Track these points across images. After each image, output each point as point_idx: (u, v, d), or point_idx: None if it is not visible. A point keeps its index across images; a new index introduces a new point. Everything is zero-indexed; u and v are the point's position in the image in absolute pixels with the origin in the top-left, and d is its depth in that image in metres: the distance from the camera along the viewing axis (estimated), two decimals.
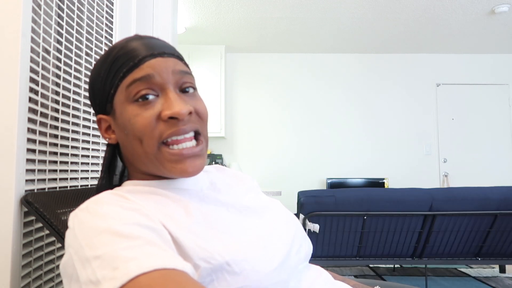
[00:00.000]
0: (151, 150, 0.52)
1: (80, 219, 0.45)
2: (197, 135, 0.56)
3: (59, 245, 0.85)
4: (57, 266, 0.85)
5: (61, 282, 0.86)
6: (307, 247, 0.62)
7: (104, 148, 1.11)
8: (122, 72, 0.54)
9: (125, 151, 0.58)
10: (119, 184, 0.64)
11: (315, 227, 2.14)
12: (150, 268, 0.37)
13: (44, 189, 0.79)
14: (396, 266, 3.08)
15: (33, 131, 0.75)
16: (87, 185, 1.00)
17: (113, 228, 0.42)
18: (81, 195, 0.84)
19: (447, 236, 2.24)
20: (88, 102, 1.01)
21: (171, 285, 0.35)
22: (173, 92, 0.53)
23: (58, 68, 0.87)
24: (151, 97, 0.53)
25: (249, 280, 0.47)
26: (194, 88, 0.57)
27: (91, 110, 1.04)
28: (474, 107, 4.48)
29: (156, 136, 0.52)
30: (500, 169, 4.42)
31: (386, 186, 4.17)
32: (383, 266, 3.10)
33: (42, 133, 0.79)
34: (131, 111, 0.53)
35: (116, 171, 0.64)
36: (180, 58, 0.58)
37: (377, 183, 4.18)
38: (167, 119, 0.52)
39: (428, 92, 4.51)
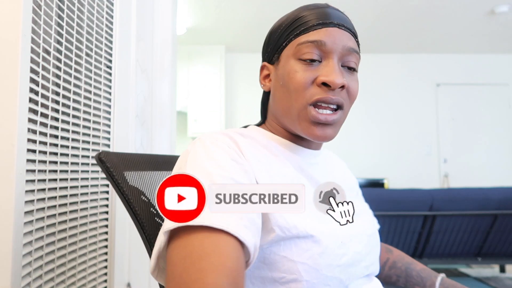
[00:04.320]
0: (298, 106, 0.56)
1: (196, 151, 0.52)
2: (338, 109, 0.58)
3: (59, 245, 0.86)
4: (57, 266, 0.85)
5: (61, 282, 0.86)
6: (376, 267, 0.63)
7: (105, 149, 1.11)
8: (299, 30, 0.57)
9: (273, 99, 0.62)
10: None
11: None
12: (210, 224, 0.41)
13: (44, 189, 0.79)
14: None
15: (33, 132, 0.75)
16: (88, 185, 1.00)
17: (212, 176, 0.47)
18: (150, 160, 0.80)
19: (447, 236, 2.24)
20: (87, 102, 1.02)
21: (208, 248, 0.39)
22: (335, 62, 0.56)
23: (58, 68, 0.87)
24: (315, 62, 0.56)
25: (312, 261, 0.50)
26: (355, 70, 0.59)
27: (91, 111, 1.04)
28: (474, 107, 4.48)
29: (306, 97, 0.56)
30: (500, 169, 4.42)
31: (386, 186, 4.17)
32: None
33: (42, 134, 0.79)
34: (293, 66, 0.57)
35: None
36: (355, 35, 0.60)
37: (377, 183, 4.18)
38: (320, 84, 0.55)
39: (428, 92, 4.51)
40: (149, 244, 0.62)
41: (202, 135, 0.56)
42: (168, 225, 0.43)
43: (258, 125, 0.69)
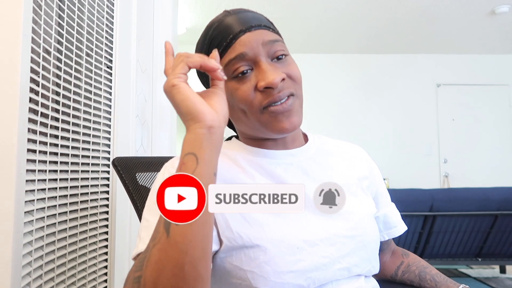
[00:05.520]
0: (254, 116, 0.58)
1: (159, 174, 0.59)
2: (289, 96, 0.59)
3: (59, 245, 0.86)
4: (58, 266, 0.85)
5: (61, 282, 0.86)
6: (365, 268, 0.61)
7: (105, 149, 1.11)
8: (219, 53, 0.57)
9: (233, 120, 0.64)
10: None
11: None
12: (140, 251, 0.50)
13: (45, 189, 0.79)
14: None
15: (33, 132, 0.75)
16: (88, 185, 1.00)
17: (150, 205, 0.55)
18: (162, 162, 0.89)
19: (447, 236, 2.24)
20: (88, 102, 1.02)
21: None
22: (265, 63, 0.57)
23: (59, 68, 0.87)
24: (247, 72, 0.58)
25: (259, 269, 0.52)
26: (286, 54, 0.60)
27: (91, 111, 1.04)
28: (474, 108, 4.48)
29: (256, 105, 0.57)
30: (501, 169, 4.41)
31: (386, 186, 4.17)
32: None
33: (43, 134, 0.79)
34: (232, 86, 0.58)
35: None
36: (267, 27, 0.60)
37: None
38: (263, 89, 0.56)
39: (429, 93, 4.50)
40: None
41: (169, 161, 0.62)
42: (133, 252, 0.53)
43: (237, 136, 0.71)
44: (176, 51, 0.59)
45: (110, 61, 1.16)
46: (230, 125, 0.72)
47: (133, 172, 0.78)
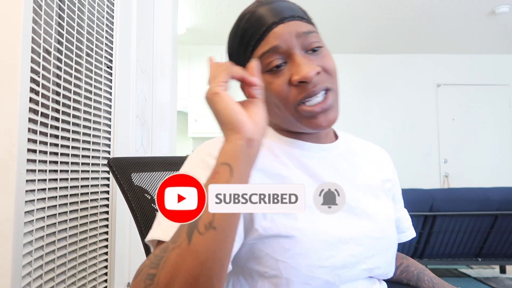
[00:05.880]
0: (289, 112, 0.57)
1: (193, 156, 0.58)
2: (327, 92, 0.57)
3: (59, 245, 0.86)
4: (58, 266, 0.85)
5: (61, 282, 0.86)
6: (383, 271, 0.62)
7: (106, 149, 1.11)
8: (251, 46, 0.57)
9: (267, 113, 0.62)
10: None
11: None
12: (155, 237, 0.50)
13: (45, 189, 0.79)
14: None
15: (33, 132, 0.75)
16: (88, 185, 1.00)
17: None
18: (158, 161, 0.92)
19: (447, 236, 2.24)
20: (88, 102, 1.02)
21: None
22: (299, 55, 0.55)
23: (59, 68, 0.87)
24: (281, 65, 0.56)
25: (292, 260, 0.52)
26: (321, 46, 0.58)
27: (91, 111, 1.04)
28: (474, 108, 4.48)
29: (291, 100, 0.56)
30: (501, 169, 4.41)
31: None
32: None
33: (43, 134, 0.79)
34: (265, 80, 0.56)
35: None
36: (301, 17, 0.58)
37: None
38: (297, 83, 0.54)
39: (429, 93, 4.50)
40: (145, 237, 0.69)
41: (201, 147, 0.60)
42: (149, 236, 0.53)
43: None
44: (176, 51, 0.59)
45: (110, 61, 1.16)
46: None
47: (129, 172, 0.79)
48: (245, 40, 0.57)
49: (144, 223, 0.75)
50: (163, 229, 0.51)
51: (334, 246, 0.54)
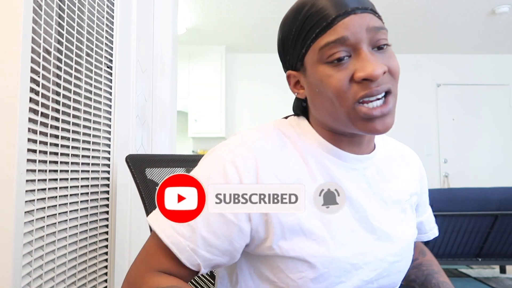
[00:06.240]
0: (345, 109, 0.52)
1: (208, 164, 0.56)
2: (387, 94, 0.53)
3: (59, 245, 0.86)
4: (58, 266, 0.85)
5: (61, 282, 0.87)
6: (390, 286, 0.61)
7: (106, 149, 1.11)
8: (315, 33, 0.52)
9: (314, 107, 0.58)
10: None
11: None
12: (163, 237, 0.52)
13: (45, 189, 0.79)
14: None
15: (33, 131, 0.75)
16: (88, 185, 1.00)
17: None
18: (170, 158, 1.03)
19: (447, 236, 2.24)
20: (88, 102, 1.02)
21: (152, 247, 0.54)
22: (366, 51, 0.51)
23: (59, 68, 0.87)
24: (345, 59, 0.51)
25: (303, 282, 0.53)
26: (388, 44, 0.54)
27: (91, 111, 1.04)
28: (474, 108, 4.48)
29: (349, 98, 0.51)
30: (501, 169, 4.41)
31: None
32: None
33: (43, 133, 0.79)
34: (323, 72, 0.52)
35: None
36: (374, 11, 0.54)
37: None
38: (361, 81, 0.50)
39: (429, 93, 4.50)
40: None
41: (228, 147, 0.56)
42: (152, 223, 0.55)
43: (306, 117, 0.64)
44: (176, 51, 0.58)
45: (110, 61, 1.16)
46: (300, 107, 0.64)
47: (143, 167, 0.89)
48: (308, 26, 0.53)
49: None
50: (160, 223, 0.53)
51: (347, 273, 0.54)
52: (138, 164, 0.88)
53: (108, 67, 1.15)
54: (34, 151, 0.75)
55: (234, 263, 0.59)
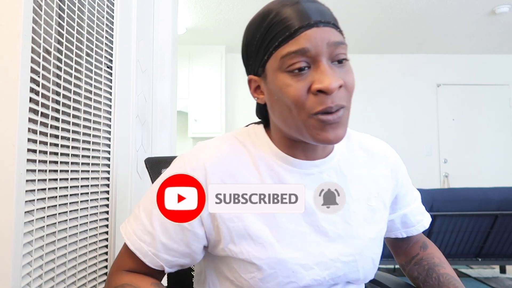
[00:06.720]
0: (301, 118, 0.54)
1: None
2: (341, 109, 0.55)
3: (59, 245, 0.86)
4: (58, 266, 0.85)
5: (61, 282, 0.87)
6: (358, 282, 0.63)
7: (106, 149, 1.11)
8: (278, 41, 0.53)
9: (273, 113, 0.60)
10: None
11: None
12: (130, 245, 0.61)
13: (45, 189, 0.80)
14: (396, 266, 3.08)
15: (33, 131, 0.75)
16: (88, 185, 1.00)
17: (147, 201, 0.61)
18: None
19: (447, 236, 2.24)
20: (88, 102, 1.02)
21: (123, 252, 0.64)
22: (325, 64, 0.53)
23: (59, 68, 0.87)
24: (304, 69, 0.53)
25: (253, 281, 0.57)
26: (347, 59, 0.56)
27: (91, 111, 1.04)
28: (474, 108, 4.48)
29: (306, 108, 0.53)
30: (501, 169, 4.41)
31: None
32: (383, 266, 3.10)
33: (43, 134, 0.79)
34: (283, 80, 0.54)
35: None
36: (336, 26, 0.56)
37: None
38: (316, 92, 0.52)
39: (429, 93, 4.50)
40: None
41: (182, 160, 0.62)
42: (124, 233, 0.64)
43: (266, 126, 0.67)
44: (176, 51, 0.59)
45: (110, 61, 1.16)
46: (261, 112, 0.67)
47: (159, 168, 0.95)
48: (271, 34, 0.54)
49: None
50: (132, 231, 0.61)
51: (296, 273, 0.57)
52: (156, 166, 0.95)
53: (108, 67, 1.15)
54: (34, 151, 0.75)
55: (202, 262, 0.66)
